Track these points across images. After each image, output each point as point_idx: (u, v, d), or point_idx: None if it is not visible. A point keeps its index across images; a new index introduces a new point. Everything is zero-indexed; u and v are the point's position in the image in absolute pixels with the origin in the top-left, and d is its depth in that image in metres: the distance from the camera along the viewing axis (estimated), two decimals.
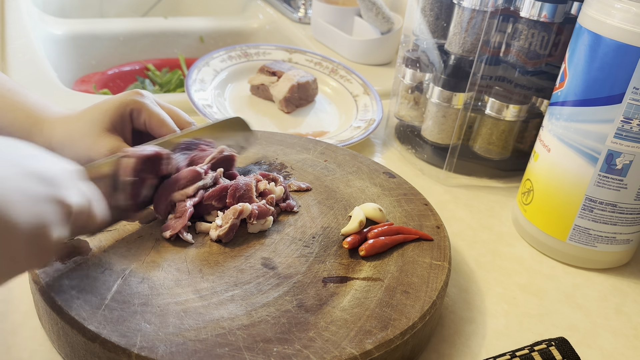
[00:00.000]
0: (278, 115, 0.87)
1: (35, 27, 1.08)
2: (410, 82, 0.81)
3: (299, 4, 1.29)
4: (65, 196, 0.37)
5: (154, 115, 0.55)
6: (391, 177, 0.66)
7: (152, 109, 0.56)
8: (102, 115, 0.54)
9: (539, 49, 0.71)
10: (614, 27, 0.53)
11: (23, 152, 0.36)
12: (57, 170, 0.37)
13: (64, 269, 0.46)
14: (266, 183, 0.58)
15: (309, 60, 0.97)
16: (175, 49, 1.26)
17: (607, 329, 0.56)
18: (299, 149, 0.69)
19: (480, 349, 0.51)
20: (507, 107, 0.73)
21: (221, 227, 0.52)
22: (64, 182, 0.37)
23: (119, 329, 0.41)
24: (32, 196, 0.34)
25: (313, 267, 0.50)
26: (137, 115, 0.56)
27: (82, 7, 1.41)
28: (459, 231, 0.67)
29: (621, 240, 0.61)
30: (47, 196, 0.35)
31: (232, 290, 0.47)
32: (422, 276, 0.51)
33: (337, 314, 0.46)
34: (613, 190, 0.58)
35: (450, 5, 0.75)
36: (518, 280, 0.60)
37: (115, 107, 0.55)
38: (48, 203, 0.35)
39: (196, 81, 0.86)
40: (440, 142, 0.78)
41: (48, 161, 0.37)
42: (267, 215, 0.54)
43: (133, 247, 0.50)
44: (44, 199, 0.35)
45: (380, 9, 1.05)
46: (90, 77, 1.14)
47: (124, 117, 0.55)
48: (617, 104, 0.55)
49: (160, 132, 0.56)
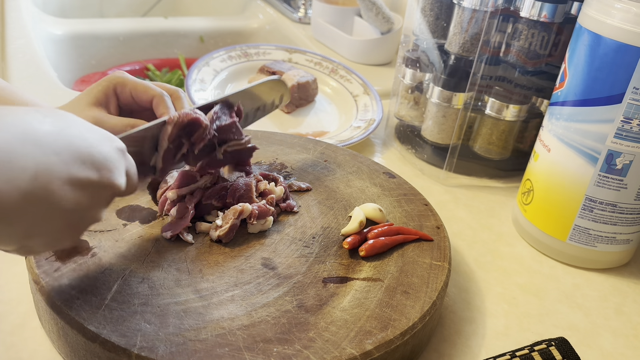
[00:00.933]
0: (278, 115, 0.87)
1: (35, 27, 1.08)
2: (410, 82, 0.81)
3: (299, 4, 1.28)
4: (115, 179, 0.39)
5: (137, 83, 0.56)
6: (391, 177, 0.66)
7: (134, 79, 0.56)
8: (85, 94, 0.55)
9: (539, 49, 0.71)
10: (614, 27, 0.53)
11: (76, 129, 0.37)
12: (106, 151, 0.39)
13: (64, 269, 0.46)
14: (266, 183, 0.58)
15: (309, 60, 0.97)
16: (175, 49, 1.26)
17: (607, 329, 0.56)
18: (299, 149, 0.69)
19: (480, 349, 0.51)
20: (507, 107, 0.73)
21: (221, 227, 0.52)
22: (114, 165, 0.39)
23: (119, 329, 0.41)
24: (84, 182, 0.36)
25: (313, 268, 0.50)
26: (122, 89, 0.56)
27: (82, 7, 1.41)
28: (459, 231, 0.67)
29: (621, 240, 0.61)
30: (99, 182, 0.37)
31: (232, 290, 0.47)
32: (422, 276, 0.51)
33: (337, 315, 0.46)
34: (613, 190, 0.58)
35: (450, 5, 0.75)
36: (518, 280, 0.60)
37: (98, 84, 0.55)
38: (99, 188, 0.38)
39: (196, 81, 0.86)
40: (440, 142, 0.78)
41: (97, 140, 0.39)
42: (267, 215, 0.54)
43: (133, 247, 0.50)
44: (96, 185, 0.37)
45: (380, 9, 1.05)
46: (90, 77, 1.14)
47: (107, 92, 0.56)
48: (617, 104, 0.55)
49: (147, 96, 0.56)
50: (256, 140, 0.70)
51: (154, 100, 0.55)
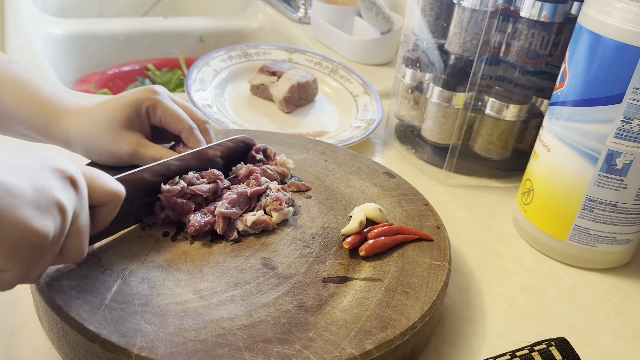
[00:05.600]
0: (278, 115, 0.87)
1: (35, 27, 1.08)
2: (410, 82, 0.81)
3: (299, 4, 1.28)
4: (58, 163, 0.38)
5: (169, 111, 0.56)
6: (391, 177, 0.66)
7: (167, 105, 0.57)
8: (118, 113, 0.55)
9: (539, 48, 0.71)
10: (614, 27, 0.53)
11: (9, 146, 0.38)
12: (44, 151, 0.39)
13: (64, 269, 0.46)
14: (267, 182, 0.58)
15: (309, 60, 0.97)
16: (175, 48, 1.26)
17: (607, 329, 0.56)
18: (299, 149, 0.69)
19: (480, 349, 0.51)
20: (507, 107, 0.73)
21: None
22: (54, 157, 0.39)
23: (119, 329, 0.41)
24: (25, 166, 0.36)
25: (313, 267, 0.50)
26: (153, 112, 0.57)
27: (82, 7, 1.41)
28: (459, 231, 0.67)
29: (621, 240, 0.61)
30: (40, 166, 0.37)
31: (232, 290, 0.47)
32: (422, 276, 0.51)
33: (337, 314, 0.46)
34: (613, 190, 0.58)
35: (450, 5, 0.75)
36: (518, 280, 0.60)
37: (131, 104, 0.56)
38: (43, 170, 0.37)
39: (196, 81, 0.86)
40: (440, 142, 0.78)
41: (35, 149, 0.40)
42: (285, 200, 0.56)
43: (133, 247, 0.50)
44: (38, 168, 0.36)
45: (380, 9, 1.05)
46: (90, 77, 1.14)
47: (140, 114, 0.56)
48: (617, 104, 0.55)
49: (176, 127, 0.57)
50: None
51: (183, 132, 0.57)
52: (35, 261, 0.37)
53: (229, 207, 0.53)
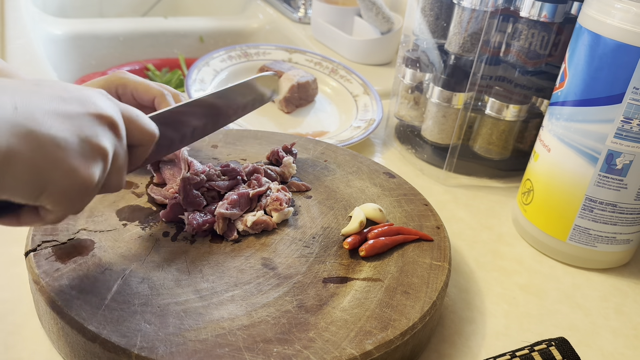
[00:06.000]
0: (278, 115, 0.87)
1: (35, 27, 1.08)
2: (410, 82, 0.81)
3: (299, 4, 1.28)
4: (103, 110, 0.38)
5: (138, 83, 0.56)
6: (391, 177, 0.66)
7: (135, 79, 0.57)
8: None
9: (539, 49, 0.71)
10: (613, 27, 0.53)
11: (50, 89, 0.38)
12: (90, 93, 0.39)
13: (64, 269, 0.46)
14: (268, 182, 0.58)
15: (309, 60, 0.97)
16: (175, 49, 1.26)
17: (607, 329, 0.56)
18: (299, 149, 0.69)
19: (480, 349, 0.51)
20: (507, 107, 0.73)
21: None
22: (100, 100, 0.39)
23: (119, 329, 0.41)
24: (68, 115, 0.36)
25: (313, 268, 0.50)
26: (123, 89, 0.56)
27: (82, 7, 1.41)
28: (459, 231, 0.67)
29: (621, 240, 0.61)
30: (85, 113, 0.37)
31: (232, 290, 0.47)
32: (422, 276, 0.51)
33: (337, 315, 0.46)
34: (613, 190, 0.58)
35: (450, 5, 0.75)
36: (518, 280, 0.60)
37: (100, 85, 0.55)
38: (85, 118, 0.37)
39: (196, 81, 0.86)
40: (440, 142, 0.78)
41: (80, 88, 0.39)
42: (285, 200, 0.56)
43: (133, 247, 0.50)
44: (81, 115, 0.37)
45: (380, 9, 1.05)
46: (90, 77, 1.14)
47: (109, 93, 0.56)
48: (617, 104, 0.55)
49: (149, 96, 0.56)
50: (256, 140, 0.70)
51: (155, 99, 0.56)
52: (81, 201, 0.39)
53: (229, 207, 0.53)
